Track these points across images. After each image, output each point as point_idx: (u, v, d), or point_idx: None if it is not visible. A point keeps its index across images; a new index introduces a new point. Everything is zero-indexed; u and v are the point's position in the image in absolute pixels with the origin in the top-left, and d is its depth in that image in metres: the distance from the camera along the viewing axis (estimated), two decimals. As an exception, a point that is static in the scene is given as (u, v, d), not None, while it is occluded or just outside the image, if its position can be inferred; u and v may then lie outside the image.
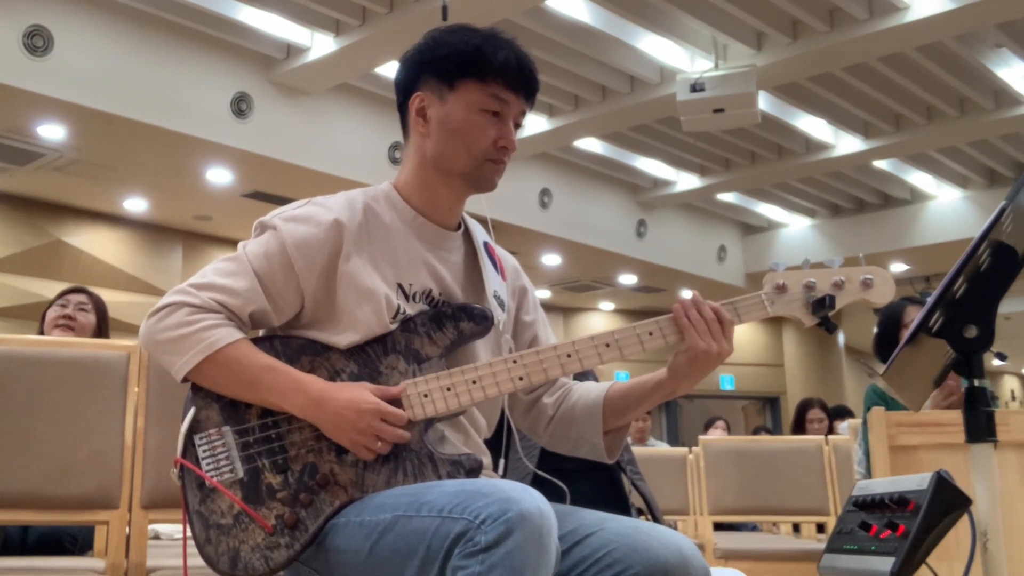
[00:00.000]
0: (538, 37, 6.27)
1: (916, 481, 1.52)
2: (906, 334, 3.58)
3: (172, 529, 3.05)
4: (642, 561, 1.34)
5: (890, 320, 3.39)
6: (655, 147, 8.76)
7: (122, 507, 2.14)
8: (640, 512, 2.67)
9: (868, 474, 3.20)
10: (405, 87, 1.59)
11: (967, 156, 9.12)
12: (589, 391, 1.66)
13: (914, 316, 3.35)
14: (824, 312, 1.52)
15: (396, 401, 1.46)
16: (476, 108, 1.53)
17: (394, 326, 1.51)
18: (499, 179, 1.59)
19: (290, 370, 1.47)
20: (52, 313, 3.32)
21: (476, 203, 1.68)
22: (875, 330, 3.54)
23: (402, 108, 1.61)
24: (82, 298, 3.36)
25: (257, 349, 1.48)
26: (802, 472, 4.06)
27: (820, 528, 4.49)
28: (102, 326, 3.39)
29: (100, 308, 3.40)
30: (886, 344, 3.42)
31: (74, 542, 2.69)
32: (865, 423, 3.31)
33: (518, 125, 1.58)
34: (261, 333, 1.56)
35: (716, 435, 6.65)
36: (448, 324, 1.53)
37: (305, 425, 1.46)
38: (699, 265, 10.53)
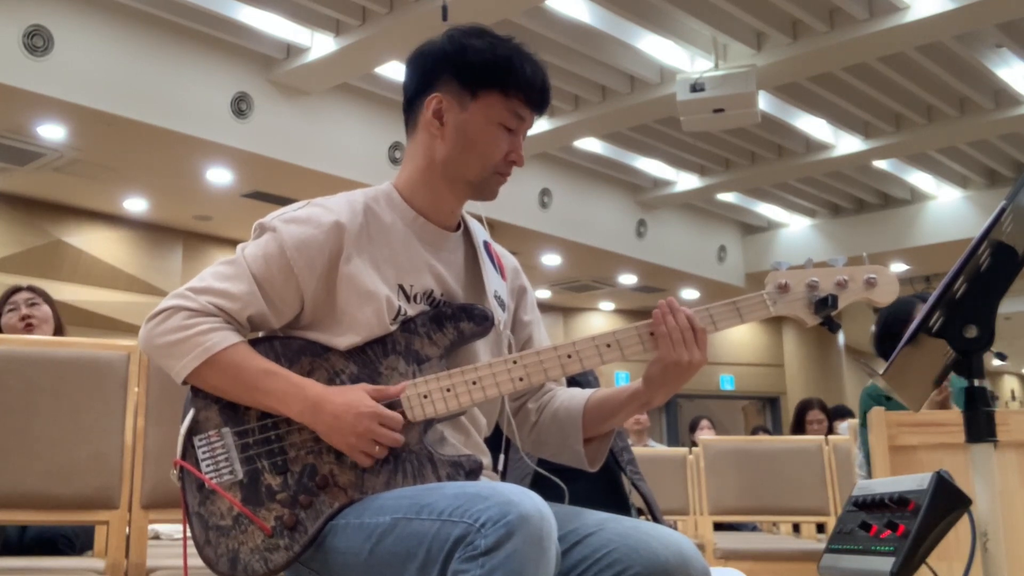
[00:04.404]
0: (538, 37, 6.27)
1: (916, 481, 1.52)
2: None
3: (172, 529, 3.05)
4: (642, 561, 1.34)
5: (899, 317, 3.37)
6: (655, 147, 8.76)
7: (122, 507, 2.14)
8: (640, 512, 2.67)
9: (870, 476, 3.20)
10: (419, 85, 1.57)
11: (967, 156, 9.12)
12: (572, 397, 1.65)
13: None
14: (827, 312, 1.51)
15: (395, 402, 1.46)
16: (495, 121, 1.53)
17: (394, 327, 1.51)
18: (499, 189, 1.60)
19: (288, 374, 1.46)
20: (10, 319, 3.29)
21: (472, 202, 1.68)
22: (873, 328, 3.54)
23: (412, 106, 1.59)
24: (27, 294, 3.35)
25: (255, 352, 1.48)
26: (802, 472, 4.06)
27: (820, 528, 4.49)
28: (57, 313, 3.38)
29: (48, 298, 3.40)
30: (891, 341, 3.41)
31: (69, 543, 2.69)
32: (864, 424, 3.31)
33: (524, 136, 1.59)
34: (261, 334, 1.56)
35: (703, 435, 6.65)
36: (448, 324, 1.52)
37: (305, 426, 1.46)
38: (699, 265, 10.53)
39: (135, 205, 8.06)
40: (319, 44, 6.52)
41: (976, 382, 1.49)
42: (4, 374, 2.11)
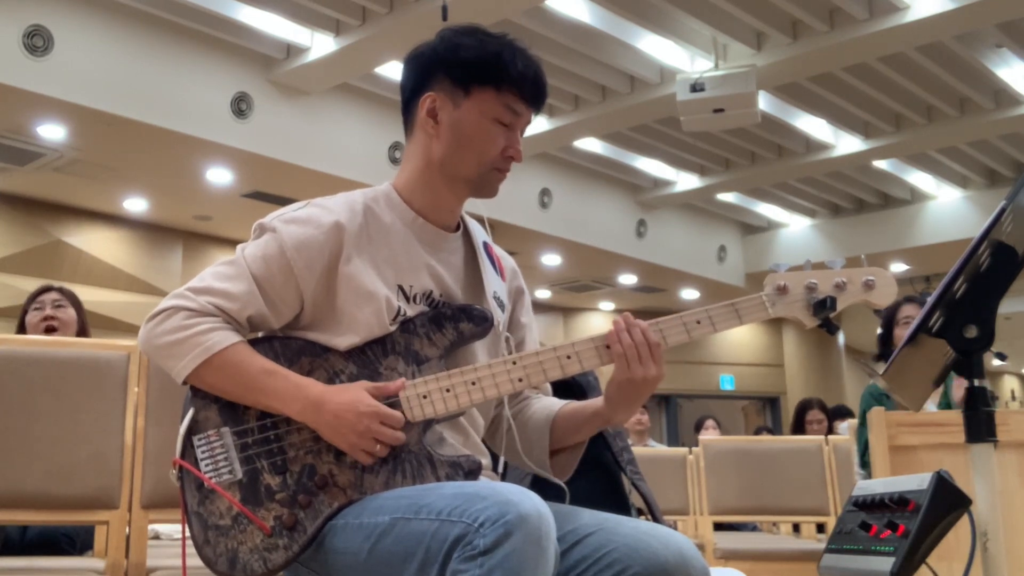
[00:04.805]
0: (538, 37, 6.27)
1: (916, 481, 1.52)
2: (900, 330, 3.70)
3: (172, 529, 3.05)
4: (642, 561, 1.34)
5: (885, 318, 3.50)
6: (655, 147, 8.76)
7: (122, 507, 2.14)
8: (640, 512, 2.66)
9: (868, 475, 3.21)
10: (415, 86, 1.58)
11: (967, 156, 9.12)
12: (543, 408, 1.65)
13: (907, 313, 3.45)
14: (825, 314, 1.51)
15: (395, 401, 1.46)
16: (489, 116, 1.53)
17: (394, 328, 1.51)
18: (499, 186, 1.59)
19: (288, 373, 1.46)
20: (33, 318, 3.29)
21: (474, 202, 1.68)
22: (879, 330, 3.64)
23: (409, 106, 1.60)
24: (55, 295, 3.35)
25: (255, 352, 1.48)
26: (802, 472, 4.05)
27: (820, 528, 4.49)
28: (82, 318, 3.38)
29: (76, 301, 3.39)
30: (883, 342, 3.55)
31: (70, 542, 2.69)
32: (864, 424, 3.32)
33: (522, 132, 1.59)
34: (261, 334, 1.56)
35: (708, 435, 6.65)
36: (448, 325, 1.52)
37: (304, 426, 1.46)
38: (699, 265, 10.52)
39: (135, 205, 8.06)
40: (319, 44, 6.52)
41: (976, 382, 1.49)
42: (4, 374, 2.11)
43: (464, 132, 1.53)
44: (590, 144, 8.68)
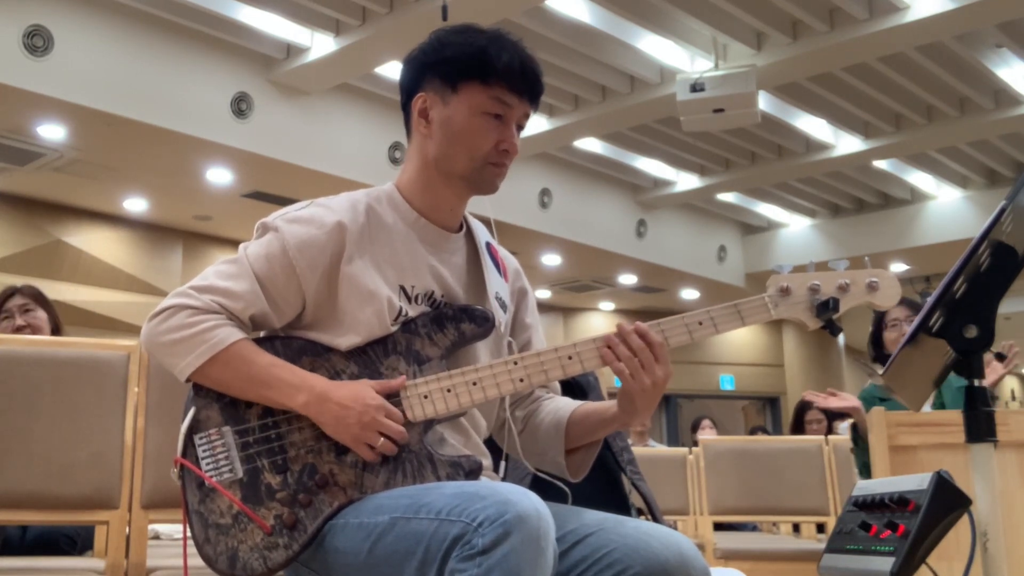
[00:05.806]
0: (538, 37, 6.27)
1: (916, 481, 1.52)
2: (889, 333, 3.77)
3: (172, 529, 3.05)
4: (642, 561, 1.34)
5: (875, 320, 3.59)
6: (655, 147, 8.76)
7: (122, 507, 2.14)
8: (640, 512, 2.66)
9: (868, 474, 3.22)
10: (408, 87, 1.59)
11: (967, 156, 9.12)
12: (557, 409, 1.65)
13: (895, 315, 3.53)
14: (828, 315, 1.50)
15: (395, 400, 1.46)
16: (478, 110, 1.52)
17: (395, 328, 1.51)
18: (500, 182, 1.58)
19: (293, 368, 1.46)
20: (4, 329, 3.18)
21: (479, 204, 1.67)
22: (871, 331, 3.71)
23: (405, 108, 1.60)
24: (20, 300, 3.21)
25: (259, 348, 1.48)
26: (802, 472, 4.06)
27: (820, 528, 4.49)
28: (53, 315, 3.25)
29: (42, 299, 3.26)
30: (873, 343, 3.64)
31: (71, 543, 2.68)
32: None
33: (521, 127, 1.58)
34: (262, 334, 1.56)
35: (705, 435, 6.66)
36: (449, 325, 1.52)
37: (305, 425, 1.46)
38: (699, 265, 10.52)
39: (135, 205, 8.06)
40: (319, 44, 6.52)
41: (976, 382, 1.49)
42: (4, 374, 2.11)
43: (454, 128, 1.53)
44: (590, 144, 8.68)
